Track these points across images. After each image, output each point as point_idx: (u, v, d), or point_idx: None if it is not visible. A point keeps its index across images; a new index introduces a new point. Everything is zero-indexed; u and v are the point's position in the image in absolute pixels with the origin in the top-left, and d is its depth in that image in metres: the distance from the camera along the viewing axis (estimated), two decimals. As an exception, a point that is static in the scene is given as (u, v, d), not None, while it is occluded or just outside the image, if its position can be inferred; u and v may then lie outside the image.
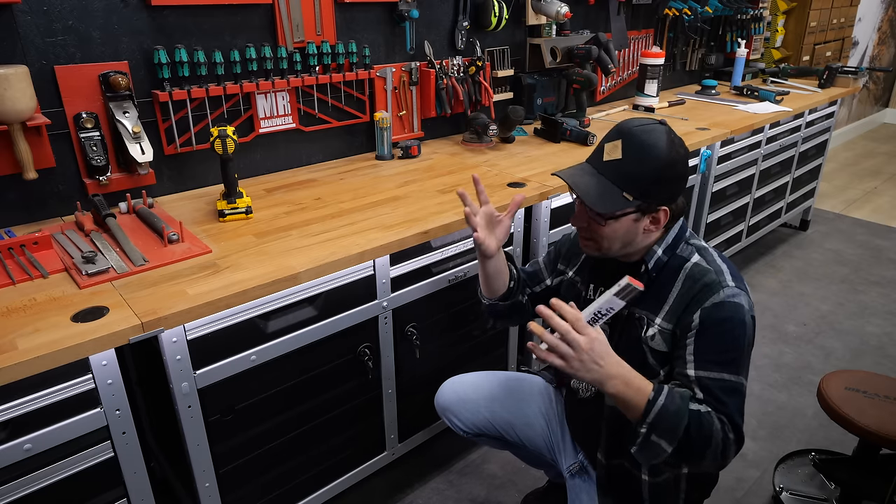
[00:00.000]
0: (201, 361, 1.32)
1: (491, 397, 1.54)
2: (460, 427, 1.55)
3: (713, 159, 2.68)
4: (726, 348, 1.11)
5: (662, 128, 1.16)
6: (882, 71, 6.19)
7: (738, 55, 3.50)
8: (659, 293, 1.20)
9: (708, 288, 1.13)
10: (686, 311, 1.15)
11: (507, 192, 1.86)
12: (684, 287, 1.17)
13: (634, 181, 1.14)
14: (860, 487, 1.83)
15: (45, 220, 1.62)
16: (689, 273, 1.18)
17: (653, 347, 1.18)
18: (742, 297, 1.13)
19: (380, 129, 2.16)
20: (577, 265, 1.41)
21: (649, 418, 1.04)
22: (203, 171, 1.89)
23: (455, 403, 1.55)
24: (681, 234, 1.23)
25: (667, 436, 1.04)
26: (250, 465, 1.51)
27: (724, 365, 1.10)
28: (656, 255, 1.21)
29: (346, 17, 2.04)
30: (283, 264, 1.39)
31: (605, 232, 1.19)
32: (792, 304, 3.09)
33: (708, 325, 1.12)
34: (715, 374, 1.10)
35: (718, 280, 1.14)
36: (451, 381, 1.60)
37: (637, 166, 1.13)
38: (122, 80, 1.59)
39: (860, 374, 1.82)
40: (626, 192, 1.14)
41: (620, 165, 1.14)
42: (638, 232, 1.19)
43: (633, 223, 1.17)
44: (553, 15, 2.46)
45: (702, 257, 1.19)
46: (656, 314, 1.19)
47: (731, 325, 1.11)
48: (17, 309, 1.19)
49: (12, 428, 1.10)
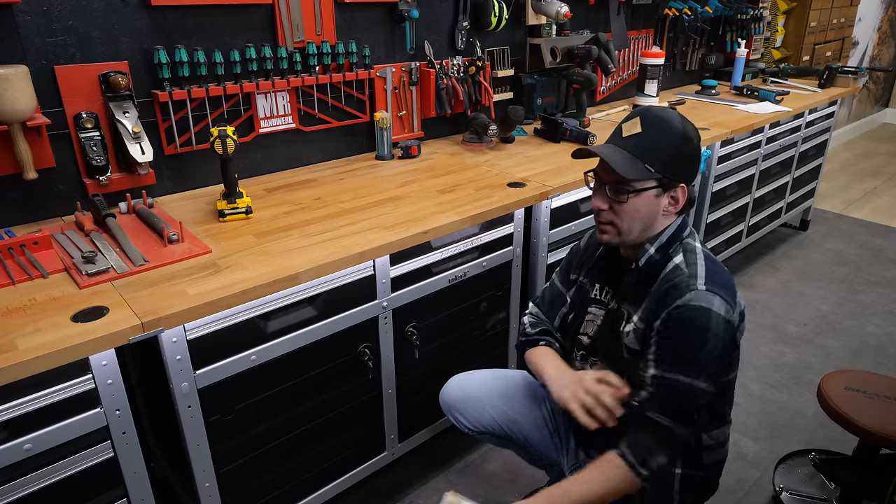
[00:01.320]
0: (201, 361, 1.32)
1: (497, 396, 1.54)
2: (465, 425, 1.56)
3: (713, 159, 2.68)
4: (684, 350, 1.13)
5: (674, 111, 1.22)
6: (882, 71, 6.19)
7: (738, 55, 3.50)
8: (643, 290, 1.22)
9: (675, 290, 1.15)
10: (655, 311, 1.17)
11: (507, 192, 1.86)
12: (658, 287, 1.19)
13: (655, 153, 1.17)
14: (860, 487, 1.83)
15: (45, 220, 1.62)
16: (666, 274, 1.20)
17: (626, 344, 1.21)
18: (715, 300, 1.12)
19: (380, 129, 2.16)
20: (586, 269, 1.42)
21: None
22: (203, 171, 1.89)
23: (461, 401, 1.55)
24: (676, 234, 1.23)
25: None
26: (250, 465, 1.51)
27: (680, 366, 1.12)
28: (648, 253, 1.23)
29: (346, 17, 2.04)
30: (283, 264, 1.39)
31: (626, 210, 1.20)
32: (792, 304, 3.09)
33: (669, 326, 1.14)
34: (669, 375, 1.13)
35: (688, 283, 1.15)
36: (458, 378, 1.60)
37: (657, 139, 1.17)
38: (122, 80, 1.59)
39: (860, 374, 1.82)
40: (648, 164, 1.17)
41: (641, 139, 1.18)
42: (658, 211, 1.21)
43: (654, 199, 1.19)
44: (553, 15, 2.46)
45: (684, 259, 1.20)
46: (635, 311, 1.22)
47: (689, 328, 1.12)
48: (17, 309, 1.19)
49: (12, 428, 1.10)
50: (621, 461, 1.15)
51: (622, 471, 1.14)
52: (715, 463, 1.31)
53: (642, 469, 1.13)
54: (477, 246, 1.82)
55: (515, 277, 1.99)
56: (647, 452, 1.14)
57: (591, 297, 1.37)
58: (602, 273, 1.37)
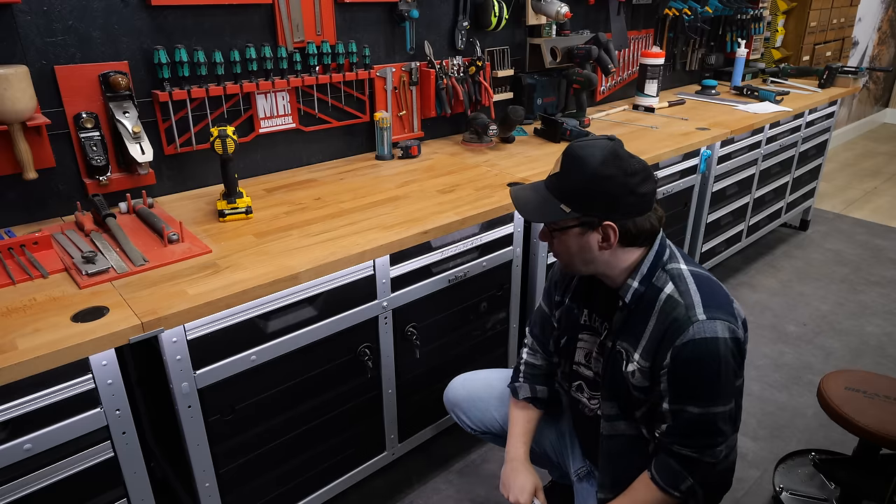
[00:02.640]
0: (201, 361, 1.32)
1: (502, 397, 1.54)
2: (468, 424, 1.56)
3: (713, 159, 2.68)
4: (696, 384, 1.13)
5: (607, 143, 1.14)
6: (882, 71, 6.19)
7: (738, 55, 3.50)
8: (636, 327, 1.19)
9: (677, 324, 1.12)
10: (660, 349, 1.14)
11: (507, 192, 1.86)
12: (658, 322, 1.15)
13: (569, 192, 1.15)
14: (860, 487, 1.83)
15: (45, 220, 1.62)
16: (661, 307, 1.15)
17: (633, 383, 1.20)
18: (717, 326, 1.11)
19: (380, 129, 2.16)
20: (570, 291, 1.40)
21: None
22: (203, 171, 1.89)
23: (465, 400, 1.56)
24: (656, 262, 1.19)
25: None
26: (250, 465, 1.51)
27: (697, 399, 1.13)
28: (632, 289, 1.18)
29: (346, 17, 2.04)
30: (283, 264, 1.39)
31: (557, 247, 1.23)
32: (792, 304, 3.09)
33: (678, 364, 1.12)
34: (685, 408, 1.14)
35: (688, 315, 1.12)
36: (463, 377, 1.60)
37: (568, 177, 1.16)
38: (122, 80, 1.59)
39: (860, 374, 1.82)
40: (564, 204, 1.15)
41: (559, 178, 1.18)
42: (591, 248, 1.17)
43: (580, 237, 1.17)
44: (553, 15, 2.45)
45: (675, 287, 1.16)
46: (635, 349, 1.19)
47: (700, 364, 1.11)
48: (17, 309, 1.19)
49: (12, 428, 1.10)
50: (653, 484, 1.20)
51: (656, 493, 1.20)
52: (730, 464, 1.29)
53: (674, 491, 1.18)
54: (477, 246, 1.82)
55: (515, 277, 1.99)
56: (675, 478, 1.18)
57: (582, 324, 1.35)
58: (586, 299, 1.34)
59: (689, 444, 1.16)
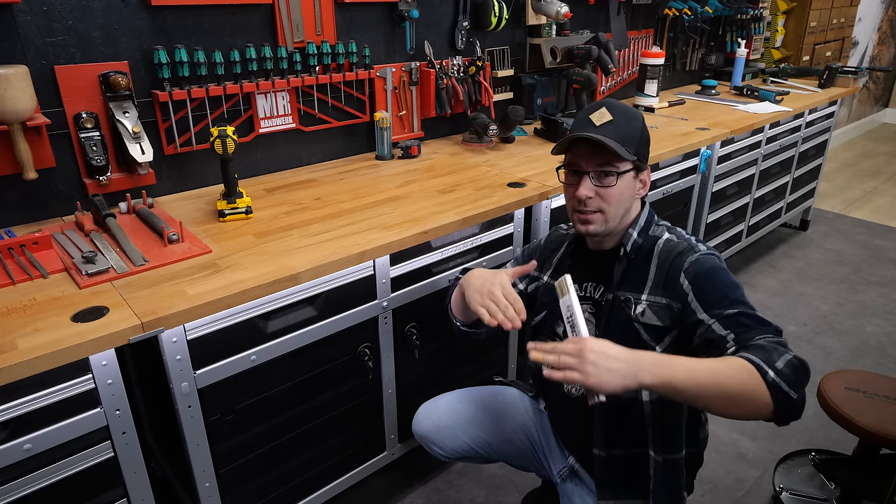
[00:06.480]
0: (201, 361, 1.32)
1: (468, 420, 1.50)
2: (440, 454, 1.51)
3: (713, 159, 2.68)
4: (727, 288, 1.15)
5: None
6: (882, 71, 6.19)
7: (738, 55, 3.50)
8: (638, 274, 1.25)
9: (682, 254, 1.21)
10: (671, 281, 1.20)
11: (507, 192, 1.86)
12: (660, 261, 1.23)
13: (628, 138, 1.22)
14: (860, 487, 1.83)
15: (45, 220, 1.62)
16: (661, 249, 1.24)
17: (645, 323, 1.22)
18: (714, 257, 1.20)
19: (380, 129, 2.16)
20: (550, 269, 1.42)
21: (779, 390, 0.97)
22: (203, 171, 1.89)
23: (433, 432, 1.50)
24: (651, 217, 1.31)
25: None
26: (250, 465, 1.51)
27: (737, 302, 1.13)
28: (632, 238, 1.27)
29: (346, 17, 2.04)
30: (283, 264, 1.39)
31: (613, 194, 1.23)
32: (792, 304, 3.09)
33: (698, 279, 1.17)
34: (735, 310, 1.11)
35: (690, 246, 1.22)
36: (426, 407, 1.54)
37: (626, 125, 1.23)
38: (122, 80, 1.59)
39: (860, 374, 1.82)
40: (626, 147, 1.21)
41: (615, 126, 1.22)
42: (633, 194, 1.27)
43: (632, 182, 1.26)
44: (553, 15, 2.46)
45: (671, 234, 1.27)
46: (640, 293, 1.24)
47: (716, 271, 1.17)
48: (17, 309, 1.19)
49: (12, 428, 1.10)
50: (746, 362, 1.00)
51: (748, 370, 0.99)
52: (705, 438, 1.37)
53: (770, 369, 0.98)
54: (477, 246, 1.82)
55: (515, 277, 1.99)
56: (770, 354, 1.01)
57: (579, 297, 1.34)
58: (579, 271, 1.34)
59: (757, 328, 1.08)
